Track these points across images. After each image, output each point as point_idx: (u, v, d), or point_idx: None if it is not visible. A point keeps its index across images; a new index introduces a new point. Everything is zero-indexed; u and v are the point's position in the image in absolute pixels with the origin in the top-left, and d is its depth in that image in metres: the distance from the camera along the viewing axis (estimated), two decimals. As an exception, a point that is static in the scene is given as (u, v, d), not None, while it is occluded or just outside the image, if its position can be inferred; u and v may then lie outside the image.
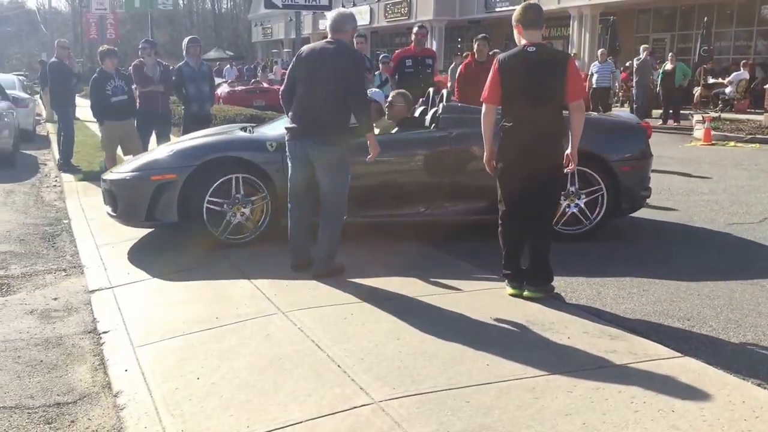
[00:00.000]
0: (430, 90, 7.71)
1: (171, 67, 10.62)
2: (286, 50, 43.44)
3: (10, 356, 4.32)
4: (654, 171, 10.80)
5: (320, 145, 5.28)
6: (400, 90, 7.61)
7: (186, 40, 10.35)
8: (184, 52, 10.05)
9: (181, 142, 7.15)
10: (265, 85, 22.97)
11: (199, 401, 3.57)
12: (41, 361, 4.28)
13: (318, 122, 5.27)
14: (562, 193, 6.43)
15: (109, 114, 9.77)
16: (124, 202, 6.47)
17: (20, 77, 22.98)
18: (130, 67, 10.58)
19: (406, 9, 34.74)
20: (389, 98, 7.24)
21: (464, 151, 6.58)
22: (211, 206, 6.20)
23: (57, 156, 12.97)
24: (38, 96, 23.45)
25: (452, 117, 6.68)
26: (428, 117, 7.03)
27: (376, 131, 6.44)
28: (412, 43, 9.98)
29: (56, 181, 11.33)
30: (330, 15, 5.53)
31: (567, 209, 6.63)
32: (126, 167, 6.73)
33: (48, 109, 19.62)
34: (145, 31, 23.99)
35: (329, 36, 5.41)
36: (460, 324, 4.47)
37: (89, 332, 4.76)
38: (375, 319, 4.54)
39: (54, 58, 12.36)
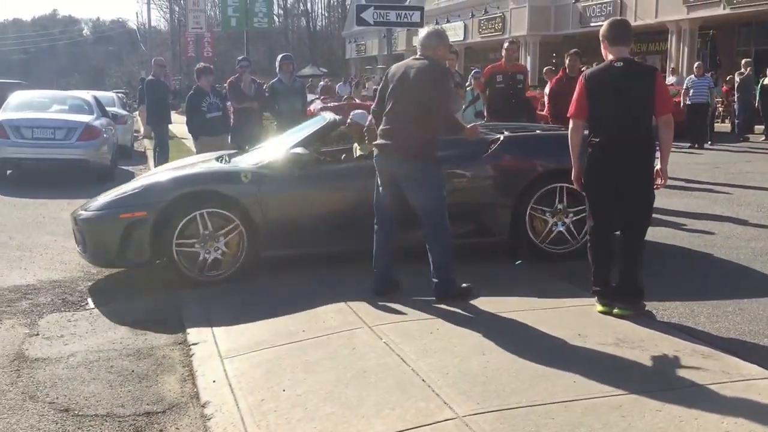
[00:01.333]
0: None
1: (264, 84, 10.87)
2: (380, 66, 43.82)
3: (103, 366, 4.47)
4: (756, 188, 10.32)
5: (407, 162, 5.19)
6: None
7: (279, 57, 10.58)
8: (278, 69, 10.28)
9: (152, 175, 6.80)
10: (358, 101, 23.18)
11: (285, 413, 3.60)
12: (132, 371, 4.40)
13: (404, 139, 5.18)
14: (549, 209, 6.36)
15: (204, 130, 10.05)
16: (93, 241, 6.13)
17: (119, 94, 23.97)
18: (226, 84, 10.86)
19: (500, 24, 34.51)
20: (366, 123, 7.12)
21: (447, 174, 6.18)
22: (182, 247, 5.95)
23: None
24: (136, 113, 24.38)
25: None
26: None
27: (359, 153, 6.48)
28: (503, 58, 9.81)
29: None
30: (420, 32, 5.48)
31: (554, 227, 6.41)
32: (94, 204, 6.34)
33: (145, 126, 20.38)
34: (241, 49, 24.60)
35: (418, 53, 5.37)
36: (546, 340, 4.37)
37: (179, 343, 4.87)
38: (460, 334, 4.49)
39: (151, 75, 12.81)
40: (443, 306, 5.05)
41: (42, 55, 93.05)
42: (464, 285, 5.30)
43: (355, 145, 7.06)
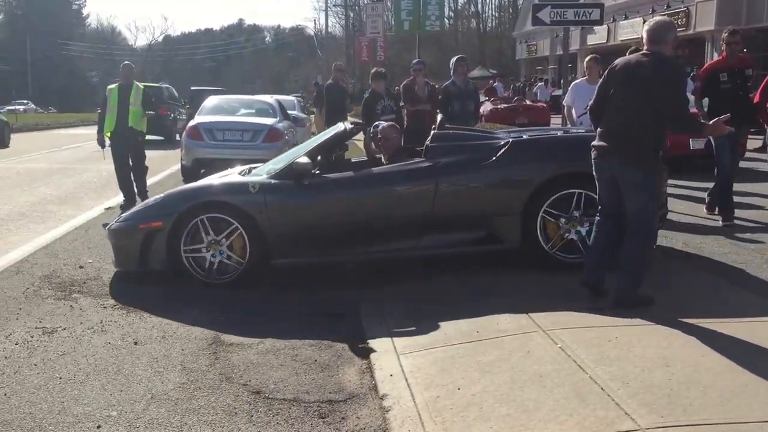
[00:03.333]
0: (439, 116, 7.31)
1: (438, 87, 11.00)
2: (551, 66, 43.02)
3: (289, 354, 4.72)
4: None
5: (627, 166, 4.99)
6: (390, 123, 7.49)
7: (453, 59, 10.66)
8: (451, 71, 10.35)
9: (174, 188, 7.17)
10: (529, 102, 22.91)
11: (460, 411, 3.65)
12: (315, 360, 4.62)
13: (628, 140, 4.98)
14: (564, 215, 6.09)
15: (379, 132, 10.30)
16: (116, 250, 6.59)
17: (298, 98, 25.03)
18: (399, 87, 11.09)
19: (684, 20, 32.79)
20: (380, 133, 7.12)
21: (453, 181, 6.25)
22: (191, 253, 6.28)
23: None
24: (313, 115, 25.36)
25: (441, 146, 6.43)
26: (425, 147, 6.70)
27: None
28: (724, 53, 8.53)
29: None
30: (647, 24, 5.18)
31: (567, 234, 6.12)
32: (123, 216, 6.85)
33: (321, 128, 21.14)
34: (411, 52, 25.07)
35: (645, 47, 5.07)
36: (737, 355, 4.10)
37: (357, 337, 5.03)
38: (641, 344, 4.34)
39: (330, 80, 13.30)
40: (622, 313, 4.89)
41: (229, 62, 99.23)
42: (644, 293, 5.11)
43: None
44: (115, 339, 4.96)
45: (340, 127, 7.12)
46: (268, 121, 13.85)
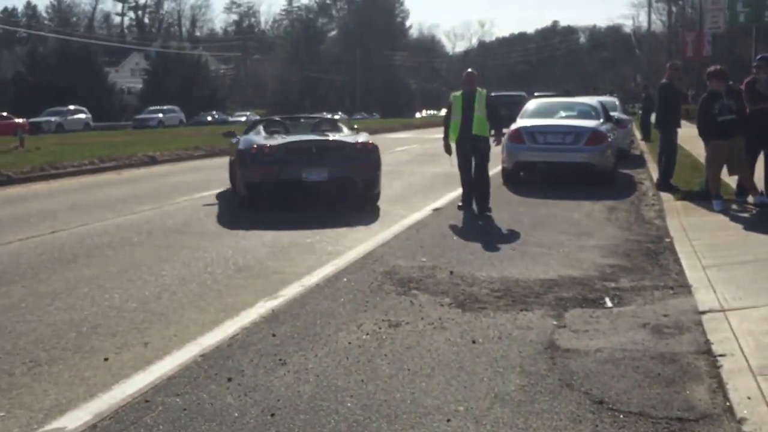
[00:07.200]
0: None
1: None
2: None
3: (629, 365, 4.53)
4: None
5: None
6: None
7: (806, 52, 9.61)
8: (804, 66, 9.33)
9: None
10: None
11: (838, 447, 3.24)
12: (658, 374, 4.39)
13: None
14: None
15: (716, 133, 9.65)
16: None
17: (619, 96, 24.21)
18: (742, 85, 10.29)
19: None
20: None
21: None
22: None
23: (654, 175, 13.30)
24: (634, 117, 24.39)
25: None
26: None
27: None
28: None
29: (654, 199, 11.63)
30: None
31: None
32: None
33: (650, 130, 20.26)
34: (741, 48, 22.96)
35: None
36: None
37: (703, 353, 4.71)
38: None
39: (665, 79, 12.63)
40: None
41: (541, 64, 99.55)
42: None
43: None
44: (454, 336, 5.15)
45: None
46: (591, 123, 13.59)
